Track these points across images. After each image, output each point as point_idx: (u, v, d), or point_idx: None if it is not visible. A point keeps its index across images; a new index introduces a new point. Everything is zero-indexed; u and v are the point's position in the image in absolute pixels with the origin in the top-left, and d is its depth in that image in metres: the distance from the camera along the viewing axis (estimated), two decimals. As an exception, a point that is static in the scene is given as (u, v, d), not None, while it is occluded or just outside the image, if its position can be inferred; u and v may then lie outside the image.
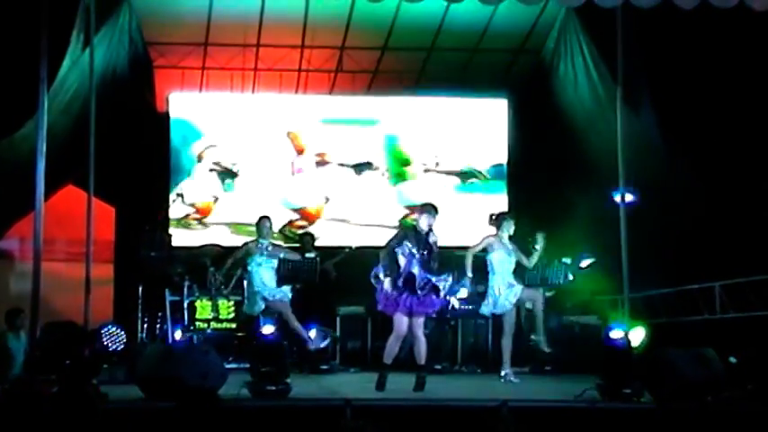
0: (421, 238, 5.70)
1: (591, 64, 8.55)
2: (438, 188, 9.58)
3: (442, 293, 5.72)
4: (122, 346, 5.59)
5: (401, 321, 5.69)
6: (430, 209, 5.86)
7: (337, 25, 9.06)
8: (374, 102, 9.86)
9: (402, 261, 5.68)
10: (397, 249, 5.68)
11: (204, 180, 9.35)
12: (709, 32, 6.92)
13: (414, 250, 5.68)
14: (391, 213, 9.66)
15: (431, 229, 5.75)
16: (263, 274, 6.84)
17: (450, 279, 5.79)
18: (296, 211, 9.48)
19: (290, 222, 9.42)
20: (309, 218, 9.51)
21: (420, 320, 5.71)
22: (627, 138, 6.93)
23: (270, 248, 6.88)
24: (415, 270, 5.66)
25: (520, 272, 7.39)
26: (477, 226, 8.34)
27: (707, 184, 7.39)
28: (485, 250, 6.73)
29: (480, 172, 9.72)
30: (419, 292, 5.63)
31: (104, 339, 5.15)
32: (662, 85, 7.61)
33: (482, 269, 6.78)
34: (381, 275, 5.70)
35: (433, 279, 5.66)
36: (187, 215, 9.27)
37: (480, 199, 9.46)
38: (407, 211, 9.64)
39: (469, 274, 6.56)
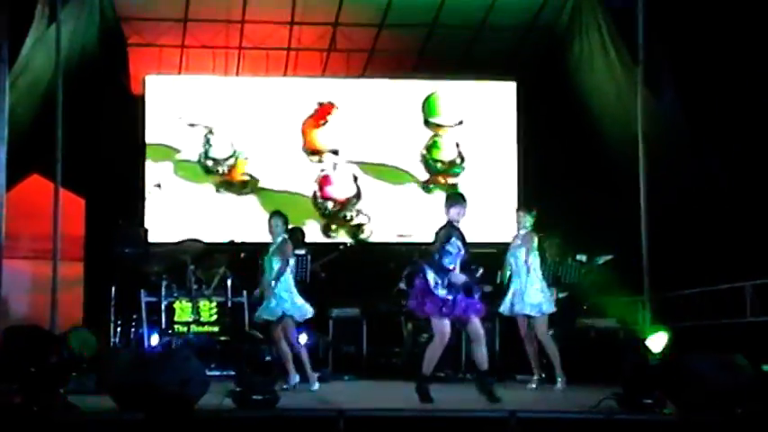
0: (461, 234, 5.59)
1: (608, 42, 8.52)
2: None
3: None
4: (93, 353, 5.55)
5: (445, 326, 5.53)
6: (458, 199, 5.70)
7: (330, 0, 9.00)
8: (370, 85, 9.81)
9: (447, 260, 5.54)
10: (447, 247, 5.54)
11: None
12: (739, 6, 6.88)
13: (461, 247, 5.56)
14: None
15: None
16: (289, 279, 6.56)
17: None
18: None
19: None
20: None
21: (478, 322, 5.61)
22: (648, 123, 6.91)
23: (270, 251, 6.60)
24: (458, 269, 5.55)
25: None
26: (483, 219, 8.32)
27: (736, 174, 7.36)
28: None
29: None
30: (475, 295, 5.54)
31: (73, 345, 5.12)
32: (687, 64, 7.57)
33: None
34: (429, 275, 5.50)
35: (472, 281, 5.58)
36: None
37: (487, 190, 9.41)
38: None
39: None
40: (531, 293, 6.66)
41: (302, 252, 7.93)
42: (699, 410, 4.90)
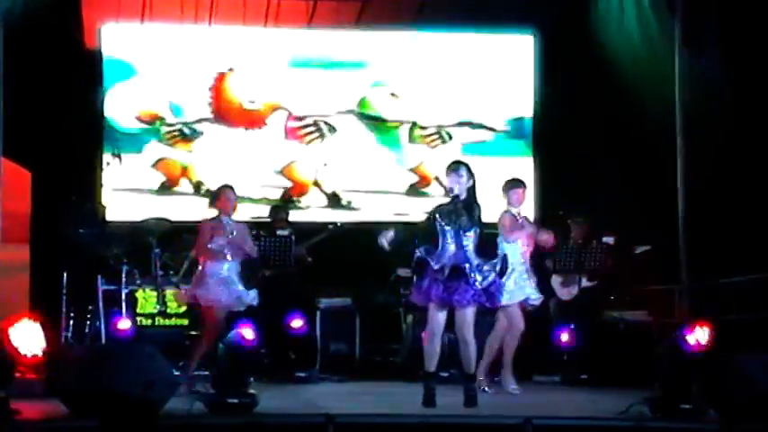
0: (453, 208, 5.58)
1: (641, -10, 8.45)
2: (439, 150, 9.50)
3: (480, 282, 5.58)
4: (40, 350, 5.50)
5: (433, 315, 5.64)
6: (453, 166, 5.74)
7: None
8: (363, 38, 9.70)
9: (439, 239, 5.63)
10: (435, 224, 5.64)
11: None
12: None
13: (445, 223, 5.61)
14: (387, 181, 9.59)
15: (469, 195, 5.64)
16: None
17: (498, 266, 5.65)
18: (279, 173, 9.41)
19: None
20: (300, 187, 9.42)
21: (464, 315, 5.62)
22: (687, 87, 6.85)
23: (234, 231, 6.70)
24: (451, 249, 5.59)
25: (548, 255, 7.34)
26: (492, 199, 8.27)
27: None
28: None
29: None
30: (438, 276, 5.56)
31: (16, 340, 5.07)
32: (733, 17, 7.47)
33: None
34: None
35: (470, 263, 5.55)
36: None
37: (495, 164, 9.32)
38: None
39: None
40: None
41: (285, 233, 7.89)
42: (745, 418, 4.89)
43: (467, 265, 5.56)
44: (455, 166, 5.74)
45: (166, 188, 9.28)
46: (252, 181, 9.22)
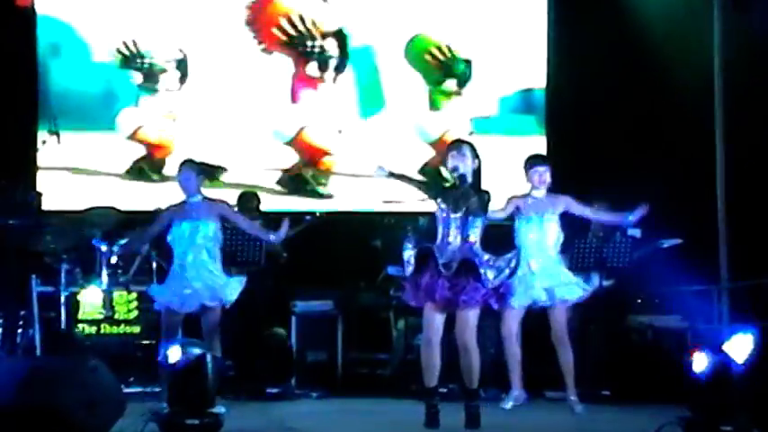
0: (460, 193, 5.66)
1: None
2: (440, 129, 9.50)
3: (492, 280, 5.58)
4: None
5: (430, 319, 5.64)
6: (456, 145, 5.84)
7: None
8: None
9: (441, 229, 5.70)
10: (438, 210, 5.73)
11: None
12: None
13: (450, 210, 5.65)
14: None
15: (475, 179, 5.70)
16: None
17: (514, 262, 5.67)
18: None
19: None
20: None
21: (466, 318, 5.61)
22: (728, 50, 6.82)
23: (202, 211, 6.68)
24: (455, 240, 5.62)
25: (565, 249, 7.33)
26: (498, 183, 8.27)
27: None
28: (511, 217, 6.74)
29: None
30: (444, 271, 5.54)
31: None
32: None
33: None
34: (408, 251, 5.68)
35: (479, 257, 5.57)
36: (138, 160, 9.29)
37: (501, 144, 9.31)
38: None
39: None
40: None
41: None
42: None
43: (476, 260, 5.56)
44: (458, 145, 5.82)
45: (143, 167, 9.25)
46: (245, 159, 9.19)
